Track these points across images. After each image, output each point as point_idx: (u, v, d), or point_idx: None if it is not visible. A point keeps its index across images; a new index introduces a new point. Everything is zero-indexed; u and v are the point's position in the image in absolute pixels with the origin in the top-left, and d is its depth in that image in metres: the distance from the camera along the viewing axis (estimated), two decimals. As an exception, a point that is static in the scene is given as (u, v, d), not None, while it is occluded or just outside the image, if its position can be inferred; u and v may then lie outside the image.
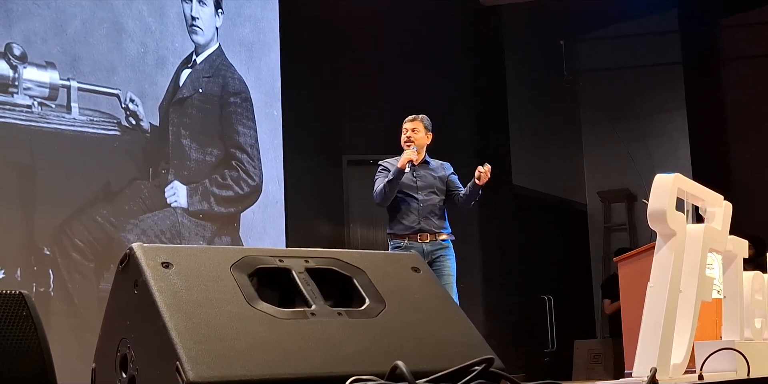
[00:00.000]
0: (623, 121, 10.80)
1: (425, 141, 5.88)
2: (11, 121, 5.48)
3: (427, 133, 5.88)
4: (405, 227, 5.72)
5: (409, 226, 5.71)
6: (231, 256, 2.25)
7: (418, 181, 5.80)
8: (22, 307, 2.11)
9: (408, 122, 5.86)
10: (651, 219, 2.71)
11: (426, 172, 5.84)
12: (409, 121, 5.87)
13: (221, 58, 7.16)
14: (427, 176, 5.84)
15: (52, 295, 5.60)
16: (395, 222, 5.76)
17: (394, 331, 2.22)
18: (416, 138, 5.80)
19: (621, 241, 10.36)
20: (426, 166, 5.89)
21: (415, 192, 5.77)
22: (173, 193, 6.54)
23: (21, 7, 5.60)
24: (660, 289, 2.67)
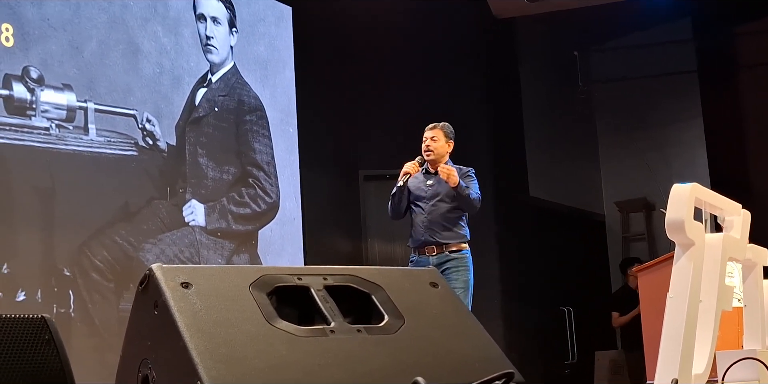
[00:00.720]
0: (639, 131, 10.77)
1: (445, 149, 5.71)
2: (29, 144, 5.52)
3: (447, 141, 5.72)
4: (413, 240, 5.59)
5: (416, 239, 5.57)
6: (249, 275, 2.26)
7: (428, 191, 5.60)
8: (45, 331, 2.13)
9: (428, 130, 5.71)
10: (669, 229, 2.70)
11: (440, 180, 5.58)
12: (429, 129, 5.72)
13: (236, 77, 7.19)
14: (440, 184, 5.59)
15: (73, 316, 5.62)
16: (410, 234, 5.65)
17: (413, 347, 2.22)
18: (436, 146, 5.64)
19: (640, 251, 10.31)
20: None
21: (424, 202, 5.59)
22: (191, 211, 6.57)
23: (37, 30, 5.65)
24: (680, 299, 2.66)
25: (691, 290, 2.66)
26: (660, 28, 10.30)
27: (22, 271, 5.34)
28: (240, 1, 7.32)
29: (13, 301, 5.27)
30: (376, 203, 8.29)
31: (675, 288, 2.69)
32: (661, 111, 10.61)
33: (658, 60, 10.52)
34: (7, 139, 5.38)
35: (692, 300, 2.66)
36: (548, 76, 10.56)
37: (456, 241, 5.54)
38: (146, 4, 6.48)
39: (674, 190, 2.71)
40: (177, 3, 6.75)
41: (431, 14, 8.58)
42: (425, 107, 8.57)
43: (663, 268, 4.56)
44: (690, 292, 2.65)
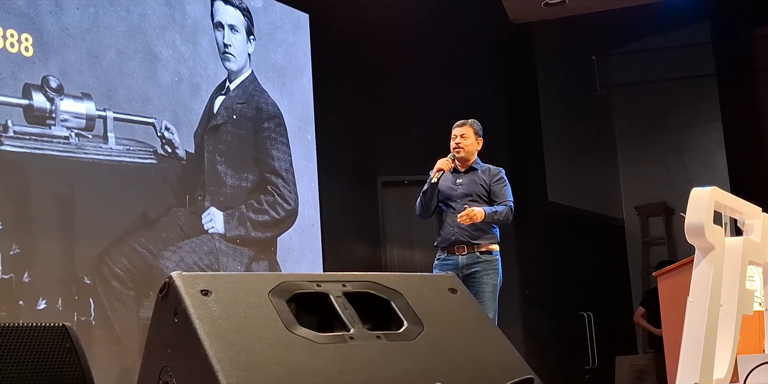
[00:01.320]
0: (658, 135, 10.73)
1: (475, 147, 5.62)
2: (49, 153, 5.55)
3: (477, 139, 5.61)
4: (443, 239, 5.48)
5: (445, 237, 5.45)
6: (269, 282, 2.26)
7: (459, 189, 5.52)
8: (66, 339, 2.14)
9: (457, 127, 5.62)
10: (689, 233, 2.69)
11: (470, 179, 5.54)
12: (458, 126, 5.62)
13: (254, 84, 7.22)
14: (471, 183, 5.53)
15: (94, 324, 5.64)
16: (437, 233, 5.55)
17: (433, 353, 2.22)
18: (465, 144, 5.55)
19: (660, 255, 10.27)
20: (473, 172, 5.59)
21: (454, 201, 5.50)
22: (210, 219, 6.59)
23: (57, 40, 5.69)
24: (700, 304, 2.65)
25: (712, 294, 2.65)
26: (678, 32, 10.27)
27: (42, 280, 5.37)
28: (257, 9, 7.35)
29: (34, 309, 5.30)
30: (394, 209, 8.29)
31: (695, 292, 2.67)
32: (679, 114, 10.58)
33: (677, 63, 10.49)
34: (27, 149, 5.42)
35: (713, 304, 2.65)
36: (566, 80, 10.55)
37: (487, 241, 5.45)
38: (164, 12, 6.51)
39: (693, 193, 2.70)
40: (195, 11, 6.78)
41: (448, 20, 8.59)
42: (443, 113, 8.56)
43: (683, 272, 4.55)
44: (710, 296, 2.64)
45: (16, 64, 5.41)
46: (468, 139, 5.59)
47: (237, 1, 7.18)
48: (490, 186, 5.55)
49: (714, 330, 2.63)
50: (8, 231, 5.21)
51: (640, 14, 9.44)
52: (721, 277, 2.72)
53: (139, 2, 6.32)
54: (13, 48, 5.40)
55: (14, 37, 5.41)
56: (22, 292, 5.25)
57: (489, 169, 5.62)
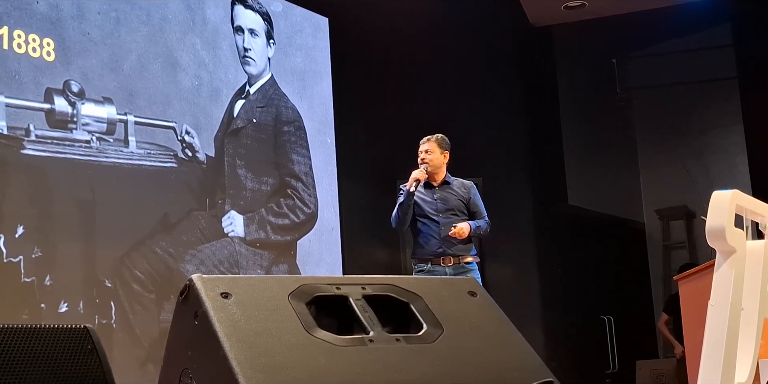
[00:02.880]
0: (679, 138, 10.69)
1: (441, 160, 5.81)
2: (71, 157, 5.58)
3: (442, 153, 5.81)
4: (428, 252, 5.66)
5: (431, 250, 5.65)
6: (288, 285, 2.27)
7: (438, 203, 5.75)
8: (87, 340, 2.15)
9: (422, 144, 5.83)
10: (710, 236, 2.68)
11: (447, 194, 5.79)
12: (423, 142, 5.84)
13: (274, 88, 7.24)
14: (449, 198, 5.78)
15: (114, 327, 5.67)
16: (418, 245, 5.73)
17: (452, 356, 2.22)
18: (431, 159, 5.76)
19: (681, 259, 10.23)
20: (447, 186, 5.82)
21: (436, 215, 5.72)
22: (230, 222, 6.61)
23: (78, 45, 5.72)
24: (721, 308, 2.63)
25: (733, 298, 2.64)
26: (699, 34, 10.23)
27: (64, 283, 5.40)
28: (277, 13, 7.37)
29: (55, 312, 5.33)
30: (414, 213, 8.28)
31: (716, 296, 2.66)
32: (700, 117, 10.53)
33: (698, 66, 10.45)
34: (49, 152, 5.45)
35: (734, 308, 2.63)
36: (586, 83, 10.52)
37: (470, 253, 5.74)
38: (184, 17, 6.54)
39: (714, 196, 2.69)
40: (215, 16, 6.81)
41: (468, 23, 8.58)
42: (462, 115, 8.58)
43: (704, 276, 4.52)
44: (731, 300, 2.63)
45: (38, 69, 5.45)
46: (433, 153, 5.80)
47: (257, 6, 7.21)
48: (468, 201, 5.81)
49: (735, 334, 2.62)
50: (30, 234, 5.24)
51: (661, 17, 9.41)
52: (742, 280, 2.71)
53: (160, 7, 6.36)
54: (35, 53, 5.44)
55: (36, 41, 5.45)
56: (43, 295, 5.28)
57: (462, 183, 5.90)
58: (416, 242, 5.75)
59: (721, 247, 2.67)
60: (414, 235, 5.77)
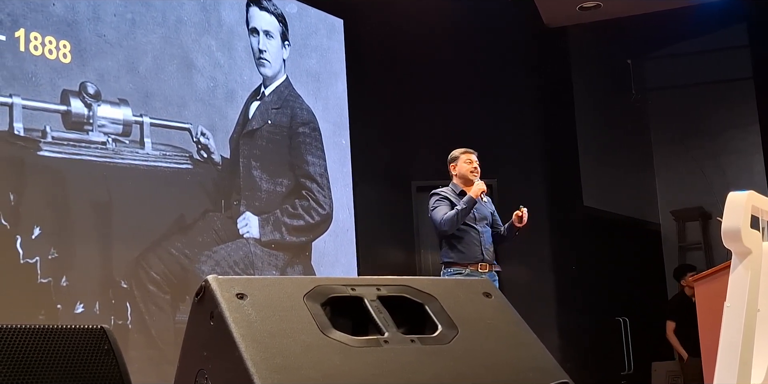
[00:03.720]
0: (695, 139, 10.66)
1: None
2: (87, 158, 5.61)
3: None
4: (468, 257, 5.87)
5: (472, 255, 5.88)
6: (304, 285, 2.27)
7: (476, 213, 5.98)
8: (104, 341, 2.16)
9: (472, 154, 6.12)
10: (725, 238, 2.67)
11: (480, 204, 6.03)
12: (471, 153, 6.13)
13: (289, 90, 7.25)
14: (482, 208, 6.05)
15: (130, 328, 5.69)
16: (456, 251, 5.90)
17: (467, 357, 2.22)
18: (479, 171, 6.08)
19: (697, 260, 10.19)
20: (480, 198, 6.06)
21: (475, 223, 5.96)
22: (245, 224, 6.62)
23: (94, 46, 5.75)
24: (737, 309, 2.63)
25: (749, 299, 2.63)
26: (715, 35, 10.20)
27: (80, 284, 5.43)
28: (292, 15, 7.39)
29: (71, 313, 5.35)
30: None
31: (732, 297, 2.65)
32: (716, 118, 10.50)
33: (713, 67, 10.41)
34: (65, 154, 5.48)
35: (750, 309, 2.62)
36: (601, 84, 10.50)
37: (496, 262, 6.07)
38: (200, 18, 6.57)
39: (730, 197, 2.68)
40: (230, 17, 6.83)
41: (482, 24, 8.58)
42: (477, 117, 8.57)
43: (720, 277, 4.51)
44: (747, 301, 2.62)
45: (55, 71, 5.48)
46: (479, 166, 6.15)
47: (272, 7, 7.22)
48: (493, 213, 6.18)
49: (751, 335, 2.61)
50: (46, 236, 5.27)
51: (676, 17, 9.38)
52: (758, 281, 2.70)
53: (175, 9, 6.38)
54: (52, 55, 5.47)
55: (53, 43, 5.47)
56: (60, 296, 5.30)
57: (488, 199, 6.22)
58: (454, 247, 5.91)
59: (737, 249, 2.67)
60: (454, 240, 5.92)
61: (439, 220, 5.87)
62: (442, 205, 5.92)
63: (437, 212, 5.90)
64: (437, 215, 5.89)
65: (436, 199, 5.97)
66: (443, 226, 5.86)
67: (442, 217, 5.85)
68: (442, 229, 5.88)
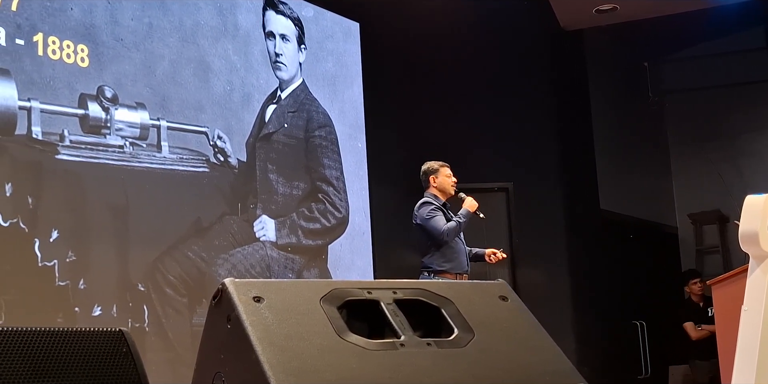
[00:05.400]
0: (712, 142, 10.61)
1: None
2: (104, 162, 5.63)
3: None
4: (458, 266, 6.12)
5: (461, 266, 6.14)
6: (320, 289, 2.28)
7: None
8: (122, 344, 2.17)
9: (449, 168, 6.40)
10: (743, 241, 2.67)
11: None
12: (449, 167, 6.41)
13: (305, 93, 7.27)
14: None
15: (147, 331, 5.71)
16: (447, 260, 6.12)
17: (483, 361, 2.22)
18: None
19: (714, 263, 10.15)
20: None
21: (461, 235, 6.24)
22: (262, 227, 6.64)
23: (111, 50, 5.78)
24: (754, 313, 2.62)
25: (767, 303, 2.62)
26: (732, 37, 10.16)
27: (98, 287, 5.45)
28: (308, 18, 7.41)
29: (89, 315, 5.38)
30: (445, 217, 8.28)
31: (749, 301, 2.65)
32: (733, 121, 10.45)
33: (730, 69, 10.37)
34: (83, 158, 5.51)
35: (767, 313, 2.62)
36: (618, 87, 10.48)
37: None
38: (216, 22, 6.59)
39: (747, 201, 2.68)
40: (246, 21, 6.85)
41: (498, 27, 8.58)
42: (493, 121, 8.57)
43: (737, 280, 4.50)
44: (765, 305, 2.61)
45: (72, 75, 5.51)
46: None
47: (288, 11, 7.24)
48: None
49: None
50: (64, 239, 5.30)
51: (693, 20, 9.35)
52: (775, 285, 2.69)
53: (192, 13, 6.40)
54: (70, 59, 5.50)
55: (70, 47, 5.50)
56: (77, 298, 5.33)
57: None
58: (445, 256, 6.12)
59: (755, 252, 2.66)
60: (446, 250, 6.12)
61: (441, 229, 6.05)
62: (439, 214, 6.12)
63: (436, 221, 6.08)
64: (437, 224, 6.07)
65: (431, 209, 6.16)
66: (445, 235, 6.05)
67: (444, 227, 6.06)
68: (444, 238, 6.06)
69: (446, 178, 6.31)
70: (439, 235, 6.05)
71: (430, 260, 6.11)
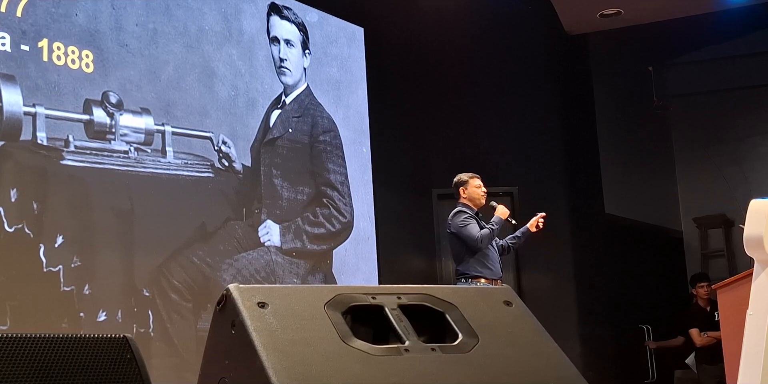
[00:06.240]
0: (717, 145, 10.60)
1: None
2: (109, 167, 5.64)
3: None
4: (494, 273, 6.26)
5: (497, 272, 6.28)
6: (324, 294, 2.27)
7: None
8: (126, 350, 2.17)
9: (479, 179, 6.49)
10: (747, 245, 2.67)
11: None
12: (479, 178, 6.50)
13: (310, 98, 7.27)
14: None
15: (152, 336, 5.71)
16: (484, 266, 6.24)
17: (488, 366, 2.21)
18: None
19: (719, 267, 10.13)
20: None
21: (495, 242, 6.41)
22: (266, 232, 6.64)
23: (116, 56, 5.79)
24: (759, 317, 2.62)
25: (772, 307, 2.61)
26: (736, 41, 10.15)
27: (103, 292, 5.46)
28: (313, 24, 7.42)
29: (94, 321, 5.38)
30: (449, 222, 8.28)
31: (754, 305, 2.64)
32: (738, 125, 10.44)
33: (735, 73, 10.36)
34: (87, 163, 5.52)
35: (773, 317, 2.61)
36: (622, 91, 10.47)
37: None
38: (221, 28, 6.60)
39: (752, 205, 2.68)
40: (251, 27, 6.86)
41: (503, 32, 8.58)
42: (498, 124, 8.57)
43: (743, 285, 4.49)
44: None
45: (77, 80, 5.52)
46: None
47: (292, 16, 7.25)
48: None
49: (774, 343, 2.59)
50: (69, 244, 5.30)
51: (697, 24, 9.35)
52: (781, 289, 2.68)
53: (197, 18, 6.42)
54: (74, 64, 5.51)
55: (75, 53, 5.52)
56: (82, 304, 5.33)
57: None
58: (482, 263, 6.25)
59: (759, 256, 2.66)
60: (480, 257, 6.26)
61: (477, 236, 6.18)
62: (472, 222, 6.25)
63: (471, 228, 6.21)
64: (472, 231, 6.20)
65: (465, 217, 6.28)
66: (481, 242, 6.18)
67: (479, 234, 6.18)
68: (479, 245, 6.19)
69: (475, 188, 6.43)
70: (473, 242, 6.19)
71: (466, 267, 6.25)
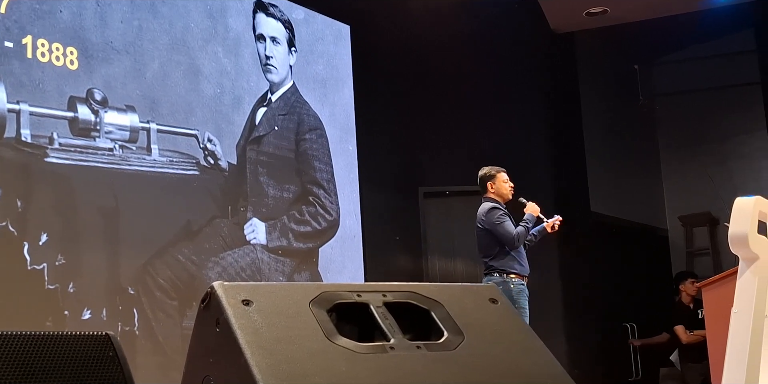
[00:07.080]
0: (702, 144, 10.64)
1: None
2: (94, 165, 5.62)
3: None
4: (525, 269, 6.26)
5: (527, 268, 6.28)
6: (309, 292, 2.27)
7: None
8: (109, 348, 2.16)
9: (506, 173, 6.47)
10: (732, 243, 2.67)
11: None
12: (505, 172, 6.48)
13: (296, 96, 7.26)
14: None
15: (137, 334, 5.69)
16: (518, 264, 6.25)
17: (473, 364, 2.21)
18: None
19: (704, 265, 10.17)
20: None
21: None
22: (252, 230, 6.62)
23: (101, 53, 5.76)
24: (744, 315, 2.62)
25: (756, 305, 2.62)
26: (722, 40, 10.19)
27: (87, 290, 5.43)
28: (299, 21, 7.40)
29: (79, 319, 5.36)
30: (436, 220, 8.29)
31: (739, 303, 2.65)
32: (724, 124, 10.48)
33: (721, 72, 10.40)
34: (72, 160, 5.49)
35: (757, 315, 2.62)
36: (608, 90, 10.50)
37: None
38: (207, 25, 6.58)
39: (737, 203, 2.68)
40: (237, 24, 6.84)
41: (489, 30, 8.58)
42: (484, 123, 8.57)
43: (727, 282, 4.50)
44: (755, 307, 2.61)
45: (62, 77, 5.49)
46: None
47: (278, 14, 7.24)
48: None
49: (758, 341, 2.60)
50: (54, 242, 5.28)
51: (683, 23, 9.38)
52: (765, 287, 2.69)
53: (182, 15, 6.39)
54: (59, 61, 5.48)
55: (60, 50, 5.49)
56: (67, 302, 5.31)
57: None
58: (515, 259, 6.25)
59: (744, 254, 2.66)
60: (514, 254, 6.27)
61: (513, 233, 6.18)
62: (507, 220, 6.25)
63: (506, 226, 6.21)
64: (508, 229, 6.19)
65: (500, 214, 6.27)
66: (517, 240, 6.20)
67: (516, 231, 6.19)
68: (516, 243, 6.21)
69: (503, 183, 6.41)
70: (510, 240, 6.19)
71: (499, 263, 6.23)
